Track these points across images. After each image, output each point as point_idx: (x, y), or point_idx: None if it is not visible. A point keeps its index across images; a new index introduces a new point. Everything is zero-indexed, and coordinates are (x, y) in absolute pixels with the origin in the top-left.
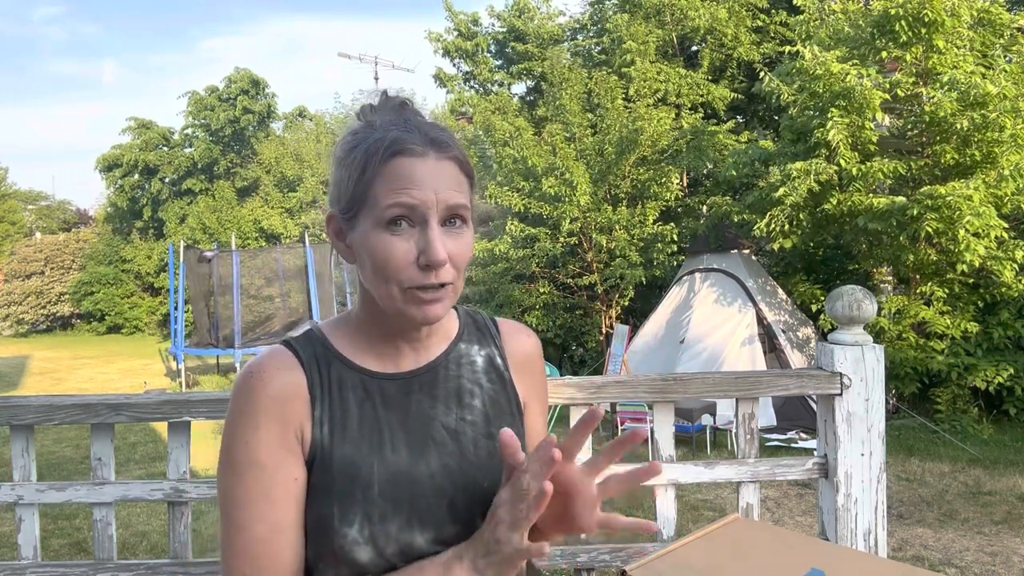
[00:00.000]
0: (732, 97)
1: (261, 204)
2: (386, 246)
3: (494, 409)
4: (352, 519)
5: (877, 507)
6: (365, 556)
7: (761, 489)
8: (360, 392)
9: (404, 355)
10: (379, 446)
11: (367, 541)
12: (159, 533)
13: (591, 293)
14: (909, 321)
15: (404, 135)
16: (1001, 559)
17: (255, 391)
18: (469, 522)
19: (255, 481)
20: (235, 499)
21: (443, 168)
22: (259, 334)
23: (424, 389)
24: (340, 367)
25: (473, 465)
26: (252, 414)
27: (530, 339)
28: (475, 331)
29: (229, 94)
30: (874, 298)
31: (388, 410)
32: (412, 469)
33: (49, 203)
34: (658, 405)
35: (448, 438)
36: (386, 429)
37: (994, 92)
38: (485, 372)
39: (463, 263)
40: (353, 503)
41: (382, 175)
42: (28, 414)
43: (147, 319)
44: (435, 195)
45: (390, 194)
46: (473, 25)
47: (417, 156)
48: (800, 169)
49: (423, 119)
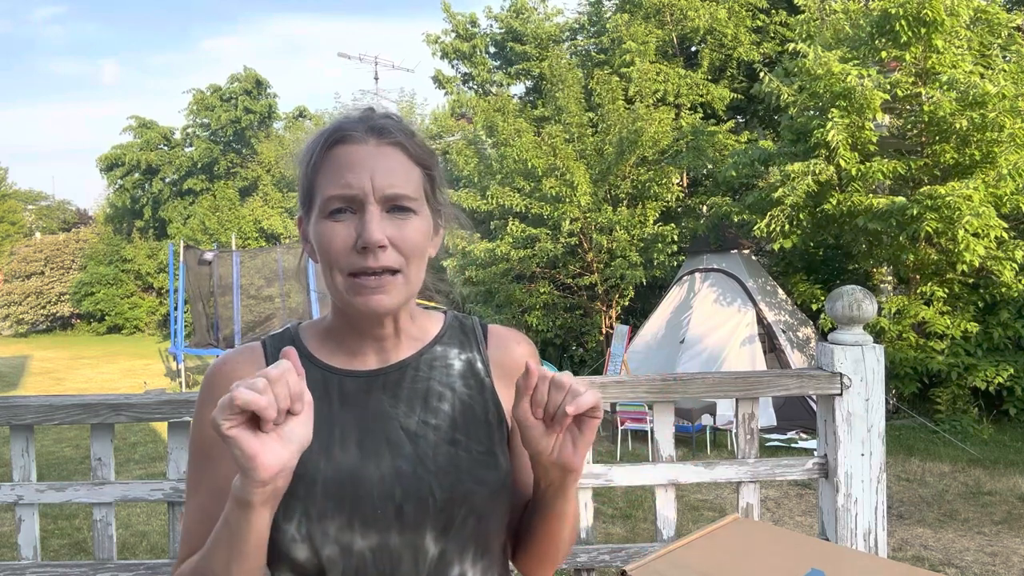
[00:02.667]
0: (732, 97)
1: (261, 204)
2: (328, 234)
3: (464, 416)
4: (291, 516)
5: (877, 507)
6: (302, 554)
7: (761, 489)
8: (319, 388)
9: (371, 354)
10: (327, 444)
11: (304, 539)
12: (159, 533)
13: (591, 293)
14: (909, 321)
15: (344, 123)
16: (1001, 559)
17: (213, 385)
18: (417, 530)
19: (200, 470)
20: (188, 482)
21: (384, 154)
22: (259, 334)
23: (387, 388)
24: (305, 363)
25: (429, 471)
26: (207, 405)
27: (521, 346)
28: (459, 334)
29: (231, 93)
30: (874, 298)
31: (344, 408)
32: (360, 470)
33: (49, 203)
34: (658, 405)
35: (405, 440)
36: (337, 427)
37: (993, 92)
38: (461, 377)
39: (410, 249)
40: (294, 500)
41: (323, 166)
42: (28, 414)
43: (147, 319)
44: (371, 181)
45: (331, 184)
46: (471, 26)
47: (355, 143)
48: (798, 170)
49: (372, 107)
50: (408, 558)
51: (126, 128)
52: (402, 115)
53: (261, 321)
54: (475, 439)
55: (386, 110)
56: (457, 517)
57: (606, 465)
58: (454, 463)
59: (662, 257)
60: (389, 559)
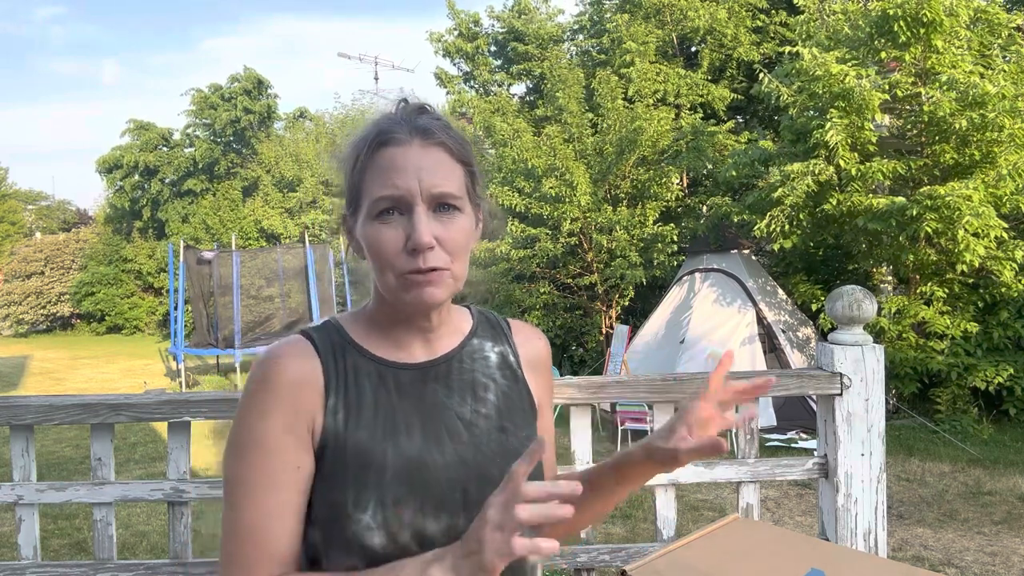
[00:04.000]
0: (732, 97)
1: (261, 204)
2: (378, 235)
3: (506, 404)
4: (365, 504)
5: (877, 507)
6: (377, 542)
7: (761, 489)
8: (375, 380)
9: (417, 346)
10: (393, 432)
11: (380, 526)
12: (159, 533)
13: (591, 293)
14: (909, 321)
15: (389, 126)
16: (1001, 559)
17: (269, 378)
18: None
19: (256, 465)
20: (235, 480)
21: (429, 155)
22: (259, 334)
23: (439, 380)
24: (355, 355)
25: (486, 456)
26: (263, 399)
27: (541, 341)
28: (488, 329)
29: (231, 93)
30: (874, 298)
31: (402, 398)
32: (426, 456)
33: (49, 203)
34: (658, 405)
35: (462, 429)
36: (400, 416)
37: (993, 92)
38: (499, 368)
39: (456, 248)
40: (366, 488)
41: (370, 167)
42: (28, 414)
43: (147, 319)
44: (419, 183)
45: (377, 186)
46: (474, 25)
47: (401, 145)
48: (798, 170)
49: (415, 107)
50: None
51: (124, 131)
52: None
53: (261, 321)
54: (518, 425)
55: (422, 103)
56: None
57: None
58: (505, 447)
59: (662, 257)
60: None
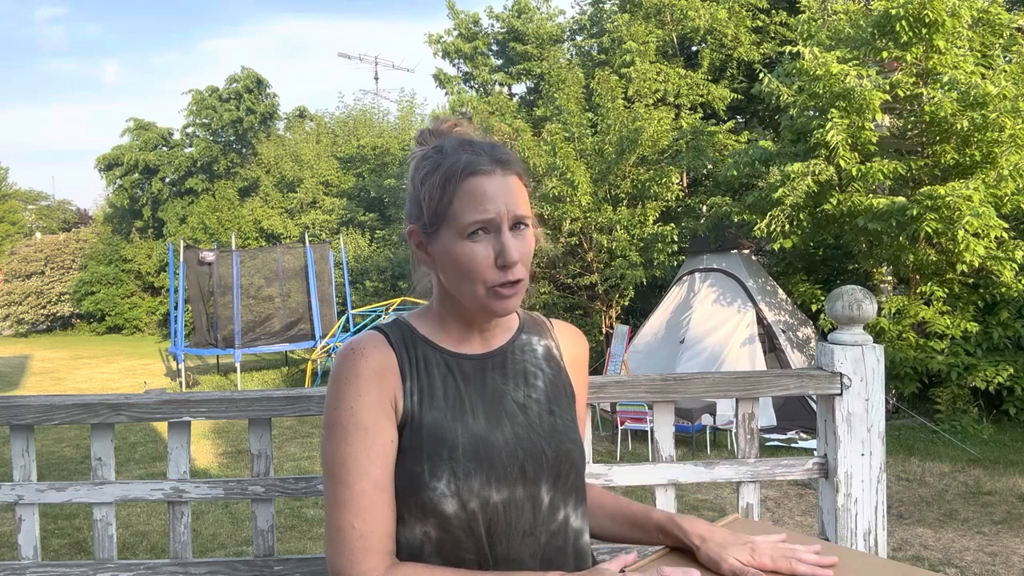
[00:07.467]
0: (732, 97)
1: (261, 204)
2: (469, 253)
3: (553, 390)
4: (440, 475)
5: (877, 507)
6: (450, 508)
7: (761, 489)
8: (443, 368)
9: (476, 341)
10: (461, 414)
11: (453, 495)
12: (159, 533)
13: (591, 293)
14: (909, 321)
15: (475, 158)
16: (1001, 559)
17: (357, 364)
18: (535, 484)
19: (359, 443)
20: (342, 458)
21: (509, 183)
22: (259, 334)
23: (496, 368)
24: (425, 347)
25: (539, 435)
26: (355, 384)
27: (581, 339)
28: (534, 325)
29: (231, 93)
30: (874, 298)
31: (467, 384)
32: (489, 435)
33: (49, 203)
34: (658, 405)
35: (518, 411)
36: (467, 400)
37: (994, 92)
38: (545, 359)
39: (529, 260)
40: (440, 461)
41: (460, 194)
42: (28, 414)
43: (147, 319)
44: (505, 207)
45: (469, 211)
46: (474, 26)
47: (488, 175)
48: (798, 170)
49: (482, 140)
50: (528, 507)
51: (124, 131)
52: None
53: (261, 321)
54: (564, 409)
55: (492, 141)
56: (563, 471)
57: (606, 465)
58: (555, 428)
59: (662, 257)
60: (516, 509)
